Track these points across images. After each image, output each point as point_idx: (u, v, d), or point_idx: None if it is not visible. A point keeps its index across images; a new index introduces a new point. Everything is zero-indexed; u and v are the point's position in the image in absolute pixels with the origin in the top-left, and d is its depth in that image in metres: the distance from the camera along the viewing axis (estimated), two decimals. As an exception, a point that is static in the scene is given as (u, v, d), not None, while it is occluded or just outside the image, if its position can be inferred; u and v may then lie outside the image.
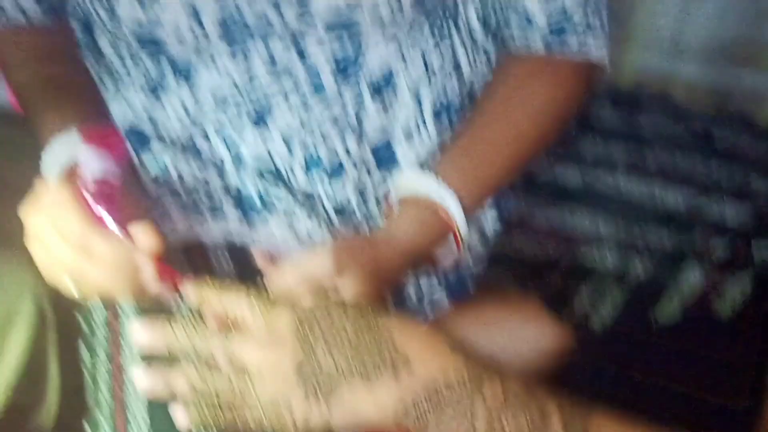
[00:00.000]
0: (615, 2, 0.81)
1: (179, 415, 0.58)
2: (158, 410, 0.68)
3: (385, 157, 0.73)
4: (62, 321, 0.89)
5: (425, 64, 0.70)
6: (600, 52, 0.74)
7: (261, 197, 0.78)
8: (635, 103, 0.87)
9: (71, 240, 0.64)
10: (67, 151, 0.69)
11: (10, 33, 0.79)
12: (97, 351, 0.76)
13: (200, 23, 0.69)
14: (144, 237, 0.59)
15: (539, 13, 0.68)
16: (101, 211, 0.57)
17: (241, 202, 0.78)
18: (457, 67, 0.72)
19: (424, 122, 0.73)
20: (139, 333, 0.60)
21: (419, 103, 0.80)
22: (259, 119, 0.71)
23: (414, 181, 0.73)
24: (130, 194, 0.68)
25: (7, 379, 0.83)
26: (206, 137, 0.72)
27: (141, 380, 0.59)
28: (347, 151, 0.72)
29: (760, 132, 0.79)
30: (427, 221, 0.71)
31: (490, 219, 0.77)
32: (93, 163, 0.59)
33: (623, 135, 0.82)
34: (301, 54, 0.69)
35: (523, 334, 0.77)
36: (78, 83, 0.81)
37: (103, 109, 0.79)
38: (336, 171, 0.78)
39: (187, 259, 0.74)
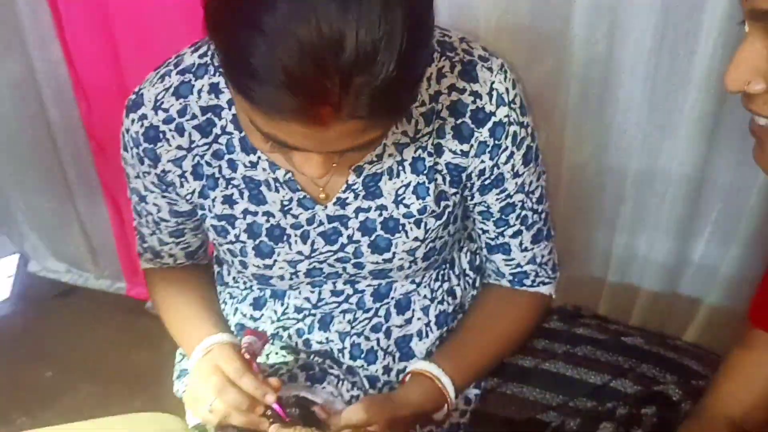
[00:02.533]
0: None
1: None
2: None
3: (403, 349, 1.03)
4: None
5: (431, 292, 1.03)
6: (548, 289, 1.04)
7: (321, 371, 1.03)
8: (574, 316, 1.13)
9: (232, 375, 0.89)
10: (205, 346, 0.95)
11: (159, 270, 1.11)
12: None
13: (296, 273, 0.99)
14: (274, 382, 0.89)
15: (505, 268, 1.01)
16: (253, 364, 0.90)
17: (308, 373, 1.02)
18: (451, 292, 1.06)
19: (430, 327, 1.05)
20: None
21: (427, 315, 1.02)
22: (323, 325, 1.03)
23: (423, 365, 0.97)
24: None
25: None
26: (289, 335, 1.05)
27: None
28: (379, 345, 1.04)
29: (651, 338, 1.05)
30: (430, 392, 0.95)
31: (472, 388, 1.06)
32: (250, 341, 0.94)
33: (563, 337, 1.07)
34: (354, 288, 1.00)
35: None
36: (209, 303, 1.08)
37: (219, 316, 1.08)
38: (370, 357, 1.04)
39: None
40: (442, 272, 1.05)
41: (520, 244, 0.98)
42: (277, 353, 1.06)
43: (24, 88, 1.64)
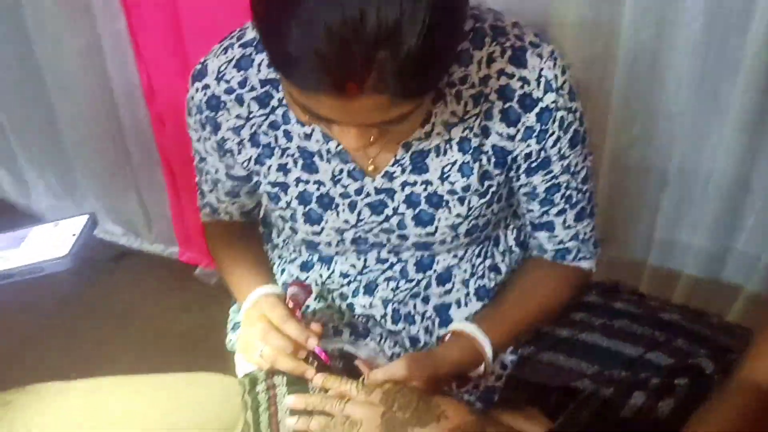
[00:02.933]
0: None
1: None
2: None
3: (442, 315, 1.07)
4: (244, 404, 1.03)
5: (472, 267, 1.06)
6: (588, 264, 1.07)
7: (365, 329, 1.10)
8: (613, 291, 1.15)
9: (276, 321, 0.93)
10: (253, 297, 1.01)
11: (217, 223, 1.18)
12: (260, 412, 0.99)
13: (342, 241, 1.03)
14: (315, 327, 0.97)
15: (548, 245, 1.04)
16: (296, 312, 0.98)
17: (352, 329, 1.10)
18: (494, 268, 1.09)
19: (469, 297, 1.08)
20: (290, 399, 0.97)
21: (467, 287, 1.08)
22: (367, 291, 1.07)
23: (463, 326, 1.02)
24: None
25: None
26: (333, 299, 1.10)
27: (292, 424, 0.95)
28: (417, 310, 1.08)
29: (687, 314, 1.08)
30: (468, 351, 1.00)
31: (508, 352, 1.10)
32: (295, 291, 1.00)
33: (601, 310, 1.10)
34: (398, 257, 1.04)
35: (525, 426, 1.09)
36: (259, 258, 1.14)
37: (269, 271, 1.13)
38: (411, 321, 1.09)
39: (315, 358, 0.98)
40: (485, 249, 1.09)
41: (564, 222, 1.01)
42: (323, 311, 1.11)
43: (90, 57, 1.71)
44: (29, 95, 1.88)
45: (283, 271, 1.15)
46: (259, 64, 0.92)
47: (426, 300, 1.08)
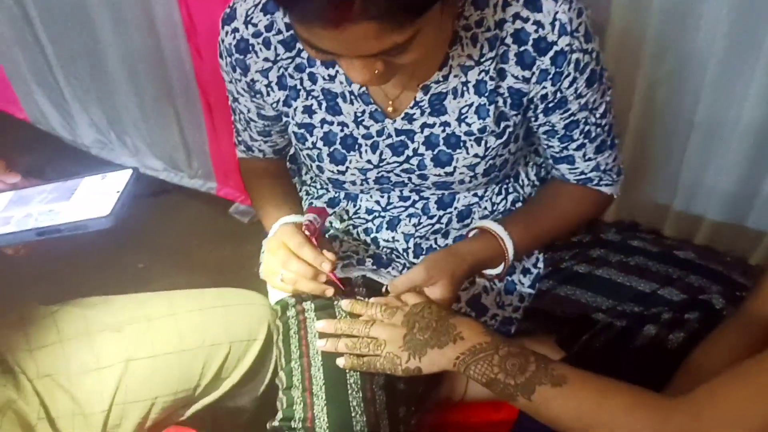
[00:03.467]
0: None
1: (339, 361, 0.97)
2: (331, 374, 0.98)
3: None
4: (275, 328, 1.10)
5: (492, 205, 1.10)
6: (610, 190, 1.08)
7: (388, 259, 1.13)
8: (631, 229, 1.20)
9: (294, 248, 0.98)
10: (276, 227, 1.05)
11: (251, 160, 1.20)
12: (291, 335, 1.05)
13: (366, 180, 1.06)
14: (329, 255, 0.98)
15: (569, 175, 1.07)
16: (312, 239, 0.99)
17: (375, 261, 1.12)
18: (515, 203, 1.12)
19: None
20: (320, 324, 1.03)
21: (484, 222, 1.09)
22: (391, 226, 1.12)
23: (488, 223, 1.03)
24: (323, 237, 1.06)
25: (239, 376, 1.11)
26: (358, 233, 1.14)
27: (322, 346, 1.01)
28: (437, 244, 1.12)
29: (701, 252, 1.11)
30: (491, 247, 1.03)
31: (526, 286, 1.14)
32: (310, 218, 1.03)
33: (618, 247, 1.13)
34: (420, 195, 1.08)
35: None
36: (287, 191, 1.19)
37: (297, 203, 1.16)
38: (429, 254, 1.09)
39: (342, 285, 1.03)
40: (505, 186, 1.13)
41: (584, 155, 1.04)
42: (349, 243, 1.16)
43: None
44: (75, 30, 1.93)
45: (310, 204, 1.20)
46: None
47: (446, 235, 1.13)
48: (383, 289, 1.03)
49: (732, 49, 1.23)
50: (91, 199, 0.83)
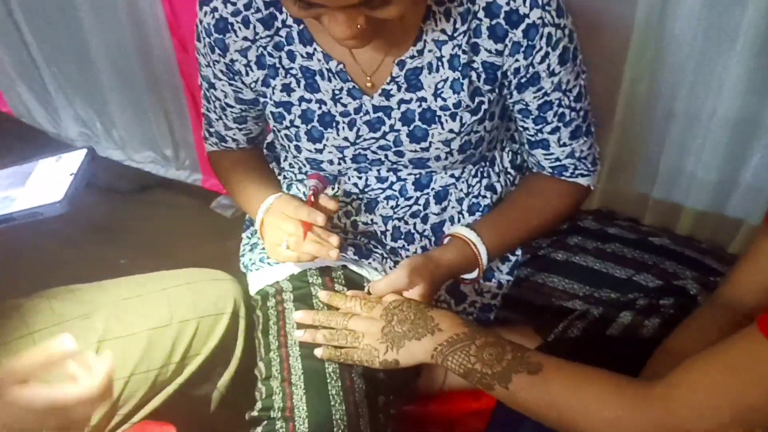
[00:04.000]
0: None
1: (317, 352, 0.97)
2: (309, 364, 0.98)
3: (438, 233, 1.11)
4: (248, 314, 1.15)
5: (467, 187, 1.10)
6: (587, 181, 1.08)
7: (367, 249, 1.12)
8: (608, 217, 1.22)
9: (291, 213, 0.96)
10: (265, 206, 1.03)
11: (223, 152, 1.20)
12: (270, 326, 1.06)
13: (343, 159, 1.06)
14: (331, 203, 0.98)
15: (545, 162, 1.07)
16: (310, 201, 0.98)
17: (356, 250, 1.11)
18: (490, 187, 1.12)
19: (462, 214, 1.12)
20: (298, 314, 1.03)
21: (460, 205, 1.11)
22: (369, 209, 1.11)
23: (461, 230, 1.04)
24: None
25: (208, 351, 1.11)
26: (338, 217, 1.13)
27: (300, 336, 1.01)
28: (416, 229, 1.13)
29: (676, 239, 1.13)
30: (465, 254, 1.03)
31: (505, 273, 1.15)
32: (315, 184, 1.02)
33: (595, 235, 1.15)
34: (397, 176, 1.08)
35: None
36: (267, 174, 1.15)
37: (277, 185, 1.15)
38: (409, 239, 1.10)
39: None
40: (481, 169, 1.13)
41: (559, 140, 1.04)
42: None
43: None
44: (60, 24, 1.93)
45: (289, 187, 1.19)
46: None
47: (425, 219, 1.13)
48: (366, 289, 1.04)
49: (707, 36, 1.23)
50: (45, 183, 0.79)
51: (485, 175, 1.13)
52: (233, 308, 1.14)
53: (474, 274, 1.06)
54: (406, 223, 1.13)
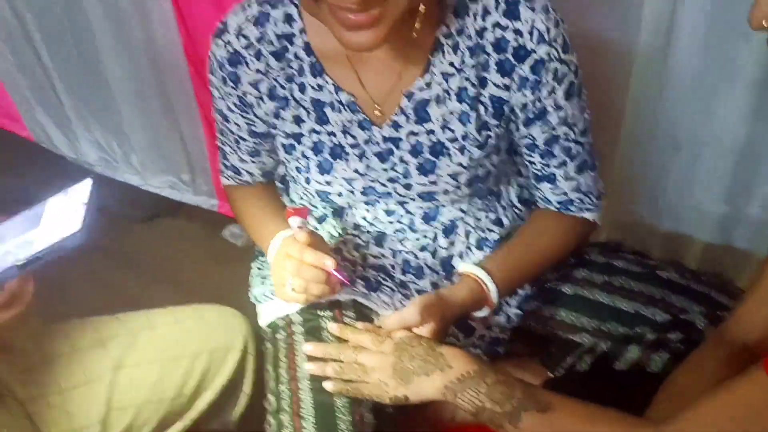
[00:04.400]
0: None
1: (327, 385, 0.97)
2: (319, 397, 0.98)
3: (447, 268, 1.12)
4: (257, 348, 1.19)
5: (475, 220, 1.11)
6: (592, 215, 1.09)
7: (377, 282, 1.13)
8: (615, 250, 1.21)
9: (296, 255, 0.96)
10: (276, 243, 1.05)
11: (239, 187, 1.21)
12: (280, 358, 1.07)
13: (353, 191, 1.06)
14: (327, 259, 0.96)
15: (552, 196, 1.08)
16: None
17: (365, 283, 1.12)
18: (498, 221, 1.13)
19: (471, 249, 1.12)
20: (308, 347, 1.04)
21: (467, 239, 1.11)
22: (378, 242, 1.13)
23: (471, 268, 1.05)
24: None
25: (219, 386, 1.15)
26: (348, 250, 1.13)
27: (310, 369, 1.00)
28: (426, 263, 1.13)
29: (684, 272, 1.13)
30: (475, 292, 1.03)
31: (513, 306, 1.15)
32: (298, 222, 1.01)
33: (602, 268, 1.16)
34: (405, 209, 1.09)
35: (525, 376, 1.13)
36: (278, 209, 1.16)
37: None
38: (419, 273, 1.13)
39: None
40: (487, 203, 1.14)
41: (565, 174, 1.06)
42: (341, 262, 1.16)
43: (133, 19, 1.78)
44: (78, 51, 1.96)
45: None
46: (275, 20, 0.98)
47: (434, 254, 1.14)
48: (375, 321, 1.05)
49: (712, 69, 1.24)
50: (61, 217, 0.84)
51: (492, 209, 1.14)
52: (243, 343, 1.16)
53: (484, 312, 1.06)
54: (416, 256, 1.14)
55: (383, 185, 1.06)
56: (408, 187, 1.05)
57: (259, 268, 1.25)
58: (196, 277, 1.95)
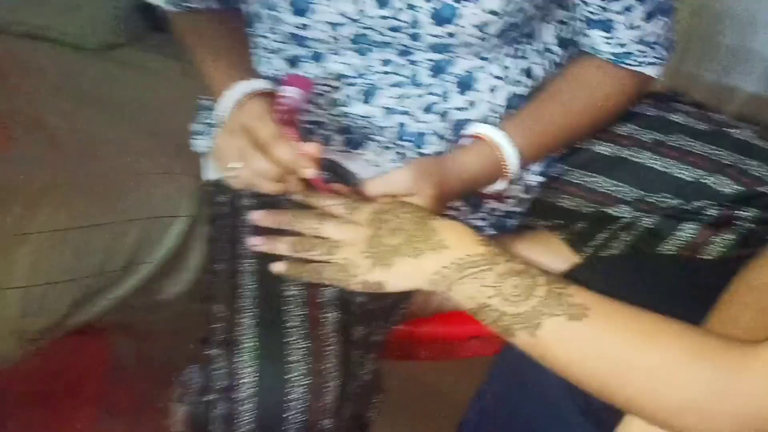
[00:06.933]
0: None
1: (275, 266, 0.78)
2: (263, 283, 0.80)
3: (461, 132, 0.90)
4: (205, 216, 1.03)
5: (503, 70, 0.89)
6: (654, 70, 0.89)
7: (361, 136, 0.92)
8: (671, 101, 0.99)
9: (264, 139, 0.77)
10: (236, 95, 0.83)
11: (186, 14, 0.95)
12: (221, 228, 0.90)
13: (336, 38, 0.84)
14: (312, 148, 0.76)
15: (604, 46, 0.87)
16: (288, 125, 0.78)
17: (346, 137, 0.92)
18: (528, 72, 0.91)
19: (496, 111, 0.90)
20: (256, 214, 0.81)
21: (495, 96, 0.89)
22: (367, 97, 0.90)
23: (487, 130, 0.86)
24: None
25: (163, 256, 1.06)
26: (321, 105, 0.90)
27: (255, 244, 0.80)
28: (431, 128, 0.90)
29: (763, 132, 0.93)
30: (488, 159, 0.85)
31: (533, 174, 0.95)
32: (291, 93, 0.80)
33: (654, 123, 0.95)
34: (408, 59, 0.87)
35: (544, 258, 0.93)
36: (238, 48, 0.94)
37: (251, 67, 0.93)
38: (420, 141, 0.91)
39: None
40: (518, 46, 0.91)
41: (629, 21, 0.84)
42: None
43: None
44: None
45: (260, 61, 0.96)
46: None
47: (443, 116, 0.91)
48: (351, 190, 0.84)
49: None
50: None
51: (521, 53, 0.90)
52: (192, 211, 1.06)
53: (500, 186, 0.88)
54: (417, 120, 0.90)
55: (381, 34, 0.84)
56: (415, 37, 0.83)
57: (211, 110, 1.01)
58: (154, 117, 1.76)
